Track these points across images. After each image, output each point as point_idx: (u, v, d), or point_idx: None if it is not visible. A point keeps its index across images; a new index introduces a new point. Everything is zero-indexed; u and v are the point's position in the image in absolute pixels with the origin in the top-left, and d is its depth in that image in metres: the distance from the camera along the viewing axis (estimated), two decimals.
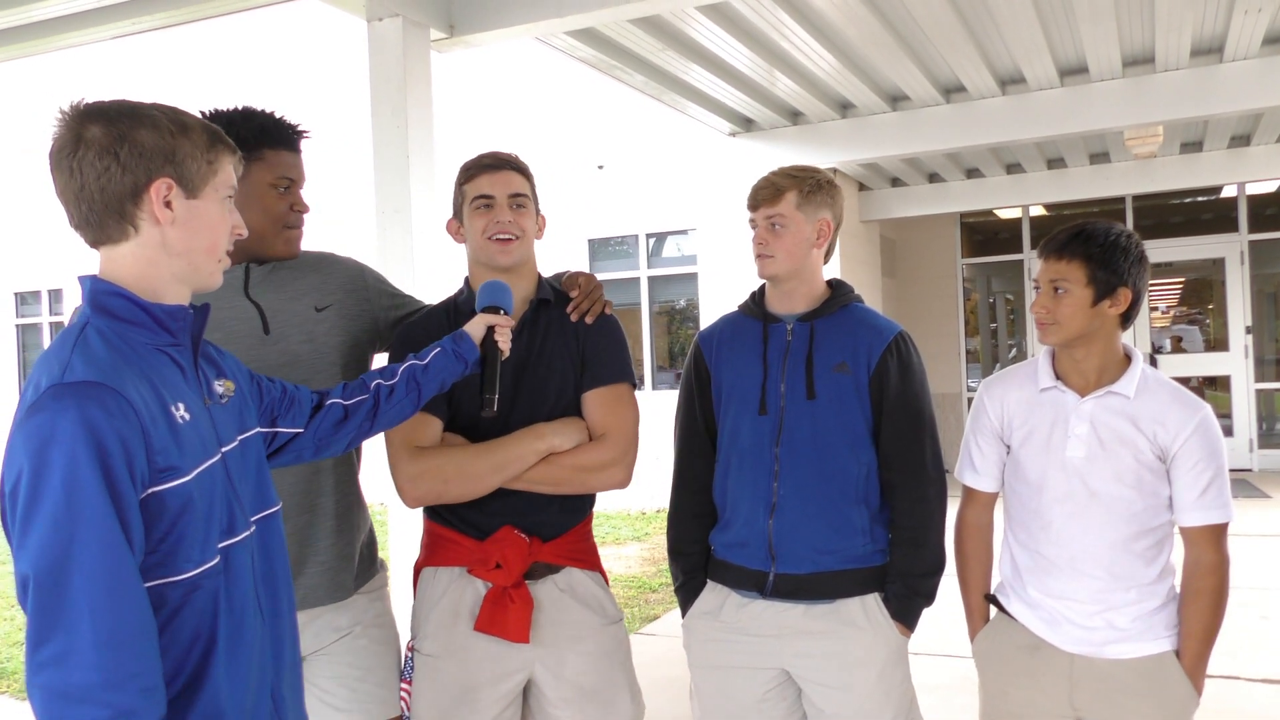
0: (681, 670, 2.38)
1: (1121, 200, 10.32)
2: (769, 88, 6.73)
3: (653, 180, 9.63)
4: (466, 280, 2.25)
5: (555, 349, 2.17)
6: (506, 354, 1.97)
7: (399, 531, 3.81)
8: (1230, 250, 10.23)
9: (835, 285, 2.30)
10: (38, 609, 1.22)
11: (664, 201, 9.65)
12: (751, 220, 2.26)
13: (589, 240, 10.05)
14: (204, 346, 1.54)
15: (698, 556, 2.32)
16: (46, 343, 13.16)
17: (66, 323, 1.47)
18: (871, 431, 2.19)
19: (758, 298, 2.33)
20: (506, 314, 1.99)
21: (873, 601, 2.17)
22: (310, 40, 11.06)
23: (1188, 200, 10.63)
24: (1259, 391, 10.24)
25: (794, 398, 2.18)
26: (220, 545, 1.41)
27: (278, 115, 2.08)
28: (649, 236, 9.94)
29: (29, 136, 13.16)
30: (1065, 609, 2.09)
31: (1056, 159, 9.16)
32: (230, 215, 1.48)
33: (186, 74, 11.67)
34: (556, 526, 2.15)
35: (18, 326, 13.54)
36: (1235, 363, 10.22)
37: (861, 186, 9.75)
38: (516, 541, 2.09)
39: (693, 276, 9.71)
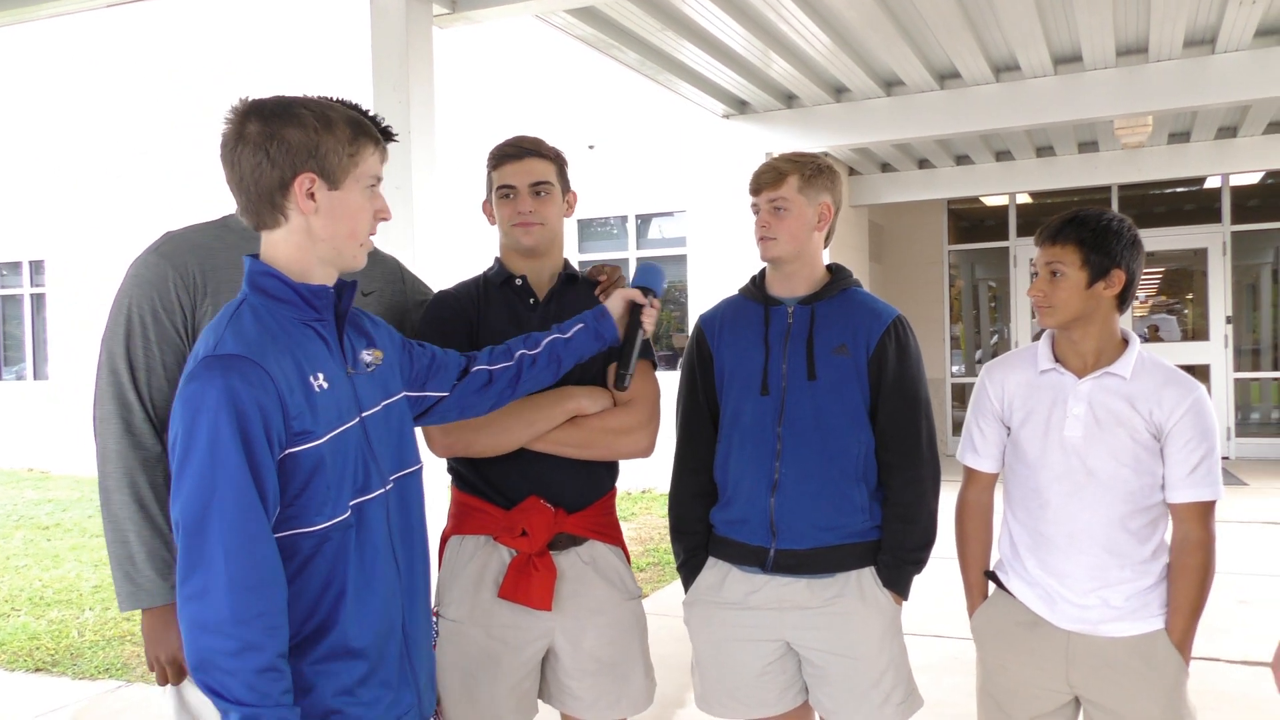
0: (672, 647, 2.41)
1: (1108, 189, 10.40)
2: (764, 69, 6.74)
3: (644, 161, 9.62)
4: (497, 259, 2.33)
5: None
6: (649, 334, 2.07)
7: None
8: (1213, 241, 10.34)
9: (835, 269, 2.35)
10: (184, 550, 1.41)
11: (655, 183, 9.65)
12: (754, 204, 2.30)
13: (578, 220, 10.03)
14: (359, 320, 1.70)
15: (700, 535, 2.36)
16: (27, 314, 13.05)
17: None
18: (870, 412, 2.23)
19: (758, 281, 2.37)
20: (657, 296, 2.09)
21: (869, 575, 2.23)
22: (310, 12, 10.96)
23: (1170, 191, 10.72)
24: (1237, 381, 10.38)
25: (795, 379, 2.22)
26: (353, 502, 1.56)
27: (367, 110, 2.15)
28: (639, 218, 9.93)
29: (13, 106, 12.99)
30: (1062, 586, 2.13)
31: (1046, 147, 9.22)
32: (373, 201, 1.60)
33: (186, 45, 11.55)
34: (581, 498, 2.21)
35: None
36: (1215, 352, 10.35)
37: (852, 171, 9.78)
38: (542, 510, 2.14)
39: (682, 258, 9.72)
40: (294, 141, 1.51)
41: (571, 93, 9.65)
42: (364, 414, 1.61)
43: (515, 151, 2.23)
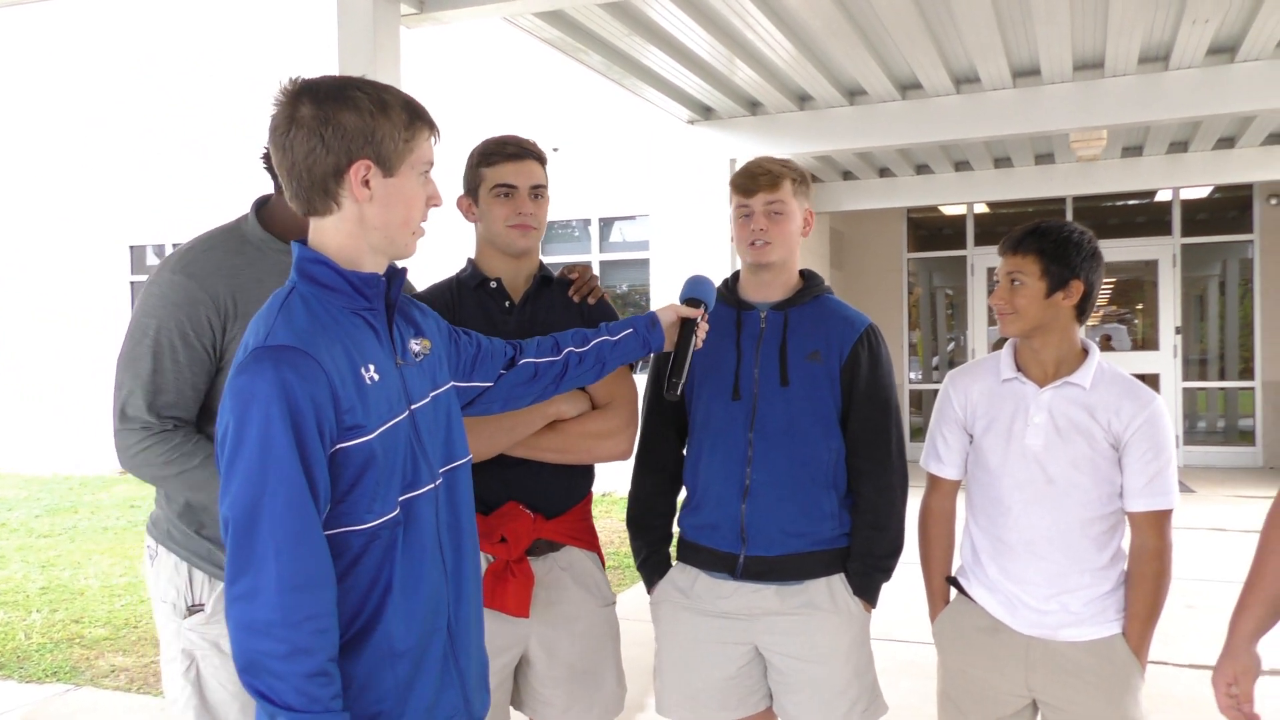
0: (633, 651, 2.40)
1: (1063, 201, 10.59)
2: (729, 76, 6.77)
3: (608, 165, 9.62)
4: (471, 260, 2.29)
5: (559, 321, 2.22)
6: (700, 345, 2.06)
7: None
8: (1163, 253, 10.57)
9: (807, 276, 2.35)
10: (233, 549, 1.36)
11: (619, 186, 9.65)
12: (743, 207, 2.26)
13: None
14: (407, 308, 1.65)
15: (660, 531, 2.36)
16: None
17: None
18: (841, 419, 2.24)
19: (730, 284, 2.36)
20: (708, 308, 2.07)
21: (839, 582, 2.23)
22: (278, 8, 10.82)
23: (1123, 203, 10.94)
24: (1185, 390, 10.61)
25: (767, 384, 2.22)
26: (401, 498, 1.51)
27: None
28: (601, 221, 9.93)
29: None
30: (1022, 592, 2.17)
31: (1003, 158, 9.37)
32: (425, 188, 1.54)
33: (153, 42, 11.35)
34: (559, 504, 2.20)
35: None
36: (1164, 361, 10.58)
37: (814, 178, 9.86)
38: (521, 516, 2.13)
39: (644, 262, 9.74)
40: (350, 126, 1.44)
41: (537, 95, 9.63)
42: (413, 406, 1.56)
43: (517, 151, 2.20)
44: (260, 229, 1.99)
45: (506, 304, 2.23)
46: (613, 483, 9.34)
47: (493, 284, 2.23)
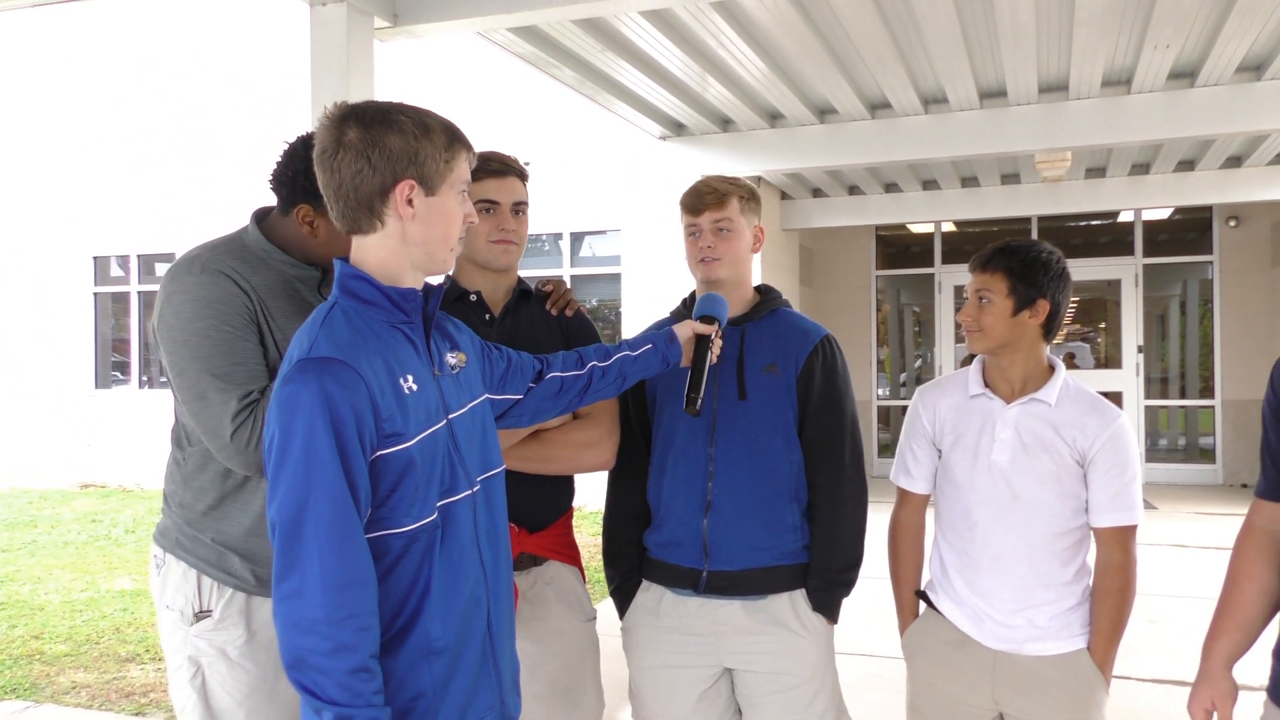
0: (605, 664, 2.39)
1: (1028, 220, 10.74)
2: (701, 93, 6.82)
3: (580, 180, 9.65)
4: (448, 274, 2.28)
5: (539, 334, 2.23)
6: (715, 361, 2.08)
7: None
8: (1126, 272, 10.74)
9: (764, 290, 2.37)
10: (280, 550, 1.44)
11: (590, 201, 9.68)
12: (692, 225, 2.29)
13: None
14: (443, 322, 1.72)
15: (634, 559, 2.35)
16: None
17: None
18: (800, 431, 2.25)
19: (689, 302, 2.37)
20: (721, 325, 2.09)
21: (800, 597, 2.24)
22: (250, 22, 10.76)
23: (1086, 223, 11.12)
24: (1147, 408, 10.78)
25: (726, 399, 2.23)
26: (439, 503, 1.59)
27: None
28: (573, 235, 9.95)
29: None
30: (988, 607, 2.20)
31: (971, 178, 9.49)
32: (464, 206, 1.61)
33: (116, 56, 11.24)
34: (542, 517, 2.20)
35: None
36: (1127, 380, 10.73)
37: (784, 195, 9.94)
38: None
39: (615, 277, 9.75)
40: (395, 148, 1.53)
41: (510, 109, 9.65)
42: (451, 416, 1.64)
43: (501, 168, 2.21)
44: (264, 239, 1.99)
45: (487, 316, 2.23)
46: (584, 496, 9.34)
47: (472, 297, 2.24)
